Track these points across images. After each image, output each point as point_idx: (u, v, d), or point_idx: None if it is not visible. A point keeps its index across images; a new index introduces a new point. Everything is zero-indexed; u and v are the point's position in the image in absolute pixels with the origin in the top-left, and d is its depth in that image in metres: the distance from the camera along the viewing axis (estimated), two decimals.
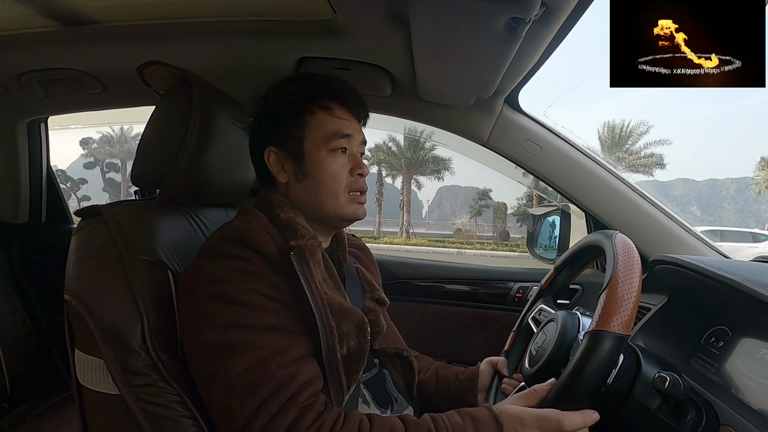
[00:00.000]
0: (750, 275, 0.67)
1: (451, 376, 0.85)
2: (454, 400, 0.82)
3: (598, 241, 0.71)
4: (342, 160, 0.71)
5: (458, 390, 0.83)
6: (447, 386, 0.84)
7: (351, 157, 0.72)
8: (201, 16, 0.93)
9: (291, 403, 0.57)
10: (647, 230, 1.08)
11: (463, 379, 0.84)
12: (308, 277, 0.62)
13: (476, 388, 0.82)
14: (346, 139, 0.71)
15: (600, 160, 1.11)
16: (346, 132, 0.71)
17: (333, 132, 0.70)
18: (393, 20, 0.79)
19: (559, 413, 0.57)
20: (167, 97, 0.79)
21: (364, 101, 0.75)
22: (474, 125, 1.12)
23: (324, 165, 0.70)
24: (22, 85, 1.16)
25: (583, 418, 0.57)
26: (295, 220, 0.67)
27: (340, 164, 0.71)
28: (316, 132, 0.71)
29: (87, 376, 0.67)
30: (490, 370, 0.83)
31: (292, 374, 0.58)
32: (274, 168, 0.72)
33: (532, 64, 0.86)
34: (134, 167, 0.77)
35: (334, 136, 0.70)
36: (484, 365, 0.84)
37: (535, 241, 1.32)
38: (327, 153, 0.70)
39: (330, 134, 0.70)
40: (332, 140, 0.70)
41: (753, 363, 0.66)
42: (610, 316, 0.55)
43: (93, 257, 0.67)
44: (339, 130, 0.71)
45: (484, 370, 0.83)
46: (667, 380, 0.55)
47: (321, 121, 0.71)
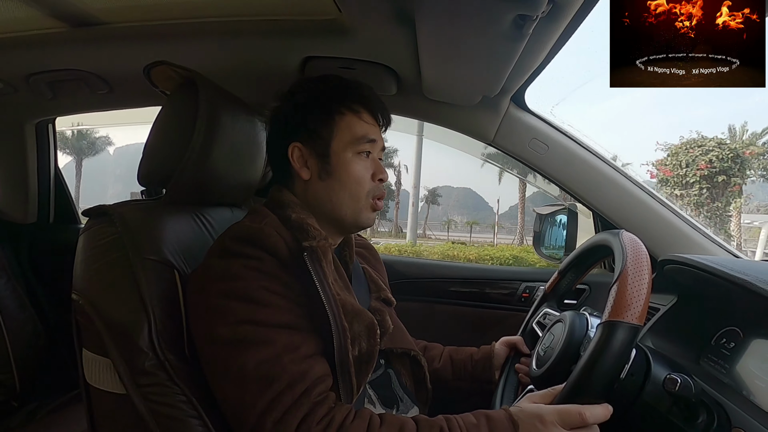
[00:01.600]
0: (762, 275, 0.65)
1: (465, 358, 0.88)
2: (472, 381, 0.85)
3: (604, 241, 0.70)
4: (366, 163, 0.73)
5: (475, 370, 0.85)
6: (463, 368, 0.86)
7: (373, 161, 0.74)
8: (206, 17, 0.93)
9: (304, 398, 0.57)
10: (656, 229, 1.07)
11: (479, 358, 0.86)
12: (322, 277, 0.62)
13: (492, 367, 0.84)
14: (371, 144, 0.73)
15: (608, 159, 1.10)
16: (372, 137, 0.73)
17: (361, 135, 0.72)
18: (398, 19, 0.79)
19: (580, 406, 0.56)
20: (174, 98, 0.79)
21: (387, 109, 0.77)
22: (480, 124, 1.11)
23: (349, 166, 0.71)
24: (30, 87, 1.17)
25: (605, 410, 0.56)
26: (306, 221, 0.68)
27: (364, 167, 0.72)
28: (344, 133, 0.72)
29: (94, 376, 0.67)
30: (505, 350, 0.86)
31: (305, 370, 0.58)
32: (297, 164, 0.72)
33: (538, 62, 0.85)
34: (141, 167, 0.77)
35: (362, 140, 0.72)
36: (499, 345, 0.87)
37: (542, 240, 1.31)
38: (353, 155, 0.72)
39: (358, 137, 0.72)
40: (360, 143, 0.72)
41: (765, 364, 0.64)
42: (622, 306, 0.54)
43: (100, 257, 0.67)
44: (366, 134, 0.72)
45: (500, 350, 0.86)
46: (677, 382, 0.55)
47: (350, 123, 0.72)
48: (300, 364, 0.58)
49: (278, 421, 0.55)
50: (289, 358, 0.58)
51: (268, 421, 0.55)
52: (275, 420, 0.55)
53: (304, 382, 0.58)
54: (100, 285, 0.66)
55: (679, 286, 0.85)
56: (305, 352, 0.60)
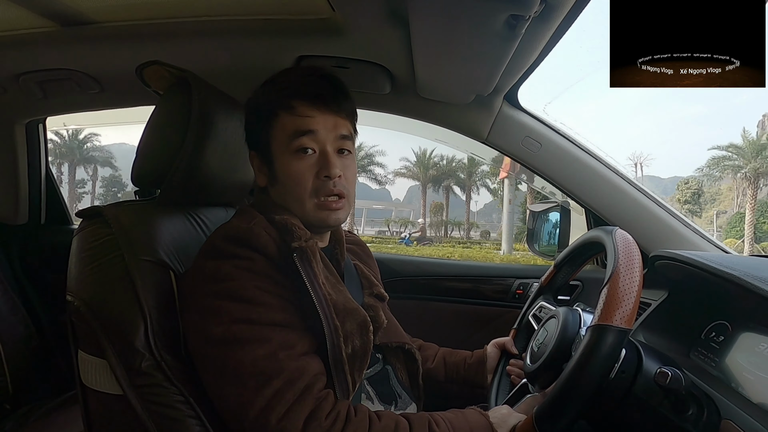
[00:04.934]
0: (750, 270, 0.67)
1: (459, 361, 0.88)
2: (464, 384, 0.85)
3: (598, 238, 0.71)
4: (308, 161, 0.67)
5: (467, 373, 0.86)
6: (456, 371, 0.86)
7: (321, 156, 0.67)
8: (199, 16, 0.93)
9: (307, 394, 0.57)
10: (647, 226, 1.08)
11: (472, 362, 0.87)
12: (312, 277, 0.62)
13: (485, 371, 0.85)
14: (309, 137, 0.66)
15: (600, 157, 1.11)
16: (307, 128, 0.66)
17: (292, 131, 0.66)
18: (392, 18, 0.79)
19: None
20: (166, 97, 0.79)
21: (340, 90, 0.69)
22: (473, 122, 1.12)
23: (288, 168, 0.67)
24: (20, 86, 1.16)
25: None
26: (290, 221, 0.66)
27: (304, 166, 0.67)
28: (279, 134, 0.68)
29: (91, 377, 0.67)
30: (497, 351, 0.86)
31: (302, 367, 0.59)
32: (256, 171, 0.73)
33: (531, 61, 0.86)
34: (134, 167, 0.77)
35: (294, 136, 0.66)
36: (490, 347, 0.87)
37: (535, 237, 1.32)
38: (290, 155, 0.67)
39: (290, 134, 0.67)
40: (293, 140, 0.66)
41: (753, 357, 0.66)
42: (612, 310, 0.55)
43: (95, 258, 0.67)
44: (298, 128, 0.66)
45: (491, 352, 0.86)
46: (668, 375, 0.55)
47: (283, 122, 0.68)
48: (297, 360, 0.59)
49: (282, 417, 0.55)
50: (285, 355, 0.58)
51: (272, 418, 0.55)
52: (279, 416, 0.55)
53: (303, 378, 0.58)
54: (95, 286, 0.66)
55: (669, 281, 0.86)
56: (301, 350, 0.60)
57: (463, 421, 0.64)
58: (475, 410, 0.67)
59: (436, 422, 0.62)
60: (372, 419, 0.60)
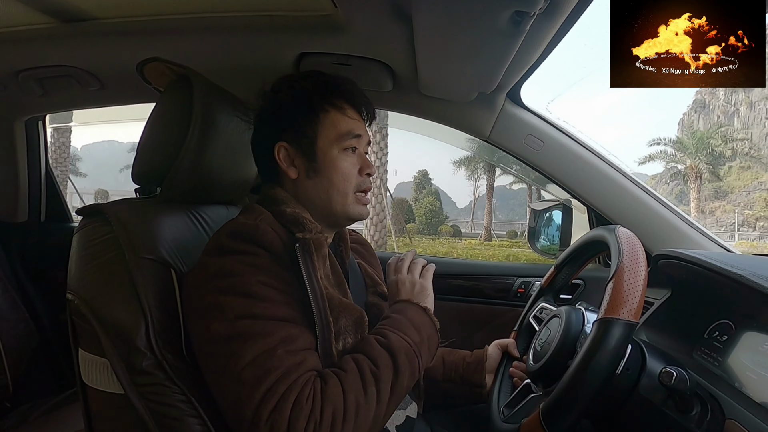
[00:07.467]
0: (755, 269, 0.67)
1: (457, 360, 0.87)
2: (462, 383, 0.85)
3: (600, 236, 0.70)
4: (352, 159, 0.73)
5: (466, 373, 0.85)
6: (454, 370, 0.86)
7: (359, 156, 0.74)
8: (200, 12, 0.92)
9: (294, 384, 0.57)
10: (650, 225, 1.08)
11: (470, 362, 0.86)
12: (310, 270, 0.62)
13: (484, 371, 0.84)
14: (356, 139, 0.73)
15: (603, 155, 1.10)
16: (357, 132, 0.73)
17: (346, 131, 0.72)
18: (394, 15, 0.78)
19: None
20: (167, 94, 0.78)
21: (371, 103, 0.77)
22: (476, 120, 1.11)
23: (336, 163, 0.72)
24: (19, 83, 1.15)
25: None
26: (302, 214, 0.68)
27: (350, 163, 0.73)
28: (329, 130, 0.72)
29: (91, 376, 0.67)
30: (498, 352, 0.86)
31: (300, 361, 0.59)
32: (284, 163, 0.72)
33: (535, 59, 0.85)
34: (135, 165, 0.77)
35: (347, 136, 0.72)
36: (492, 348, 0.87)
37: (536, 236, 1.32)
38: (339, 152, 0.72)
39: (343, 133, 0.72)
40: (345, 139, 0.72)
41: (756, 356, 0.65)
42: (618, 303, 0.55)
43: (95, 256, 0.66)
44: (351, 130, 0.72)
45: (493, 353, 0.86)
46: (673, 375, 0.55)
47: (335, 120, 0.72)
48: (295, 355, 0.59)
49: (274, 410, 0.55)
50: (284, 350, 0.58)
51: (264, 412, 0.55)
52: (271, 409, 0.55)
53: (297, 371, 0.58)
54: (95, 284, 0.65)
55: (673, 280, 0.86)
56: (302, 345, 0.60)
57: (404, 319, 0.67)
58: (407, 302, 0.71)
59: (384, 335, 0.64)
60: (341, 378, 0.59)
